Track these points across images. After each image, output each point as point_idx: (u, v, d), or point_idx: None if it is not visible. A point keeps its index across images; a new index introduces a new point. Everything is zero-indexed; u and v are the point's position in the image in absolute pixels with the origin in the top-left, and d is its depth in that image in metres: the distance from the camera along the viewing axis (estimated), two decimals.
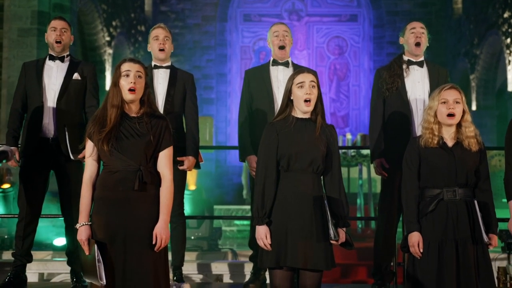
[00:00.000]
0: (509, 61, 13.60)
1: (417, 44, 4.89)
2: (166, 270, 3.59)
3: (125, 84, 3.54)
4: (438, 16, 18.21)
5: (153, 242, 3.48)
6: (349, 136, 14.05)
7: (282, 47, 4.96)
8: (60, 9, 11.67)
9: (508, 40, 13.68)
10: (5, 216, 7.93)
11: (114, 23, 15.20)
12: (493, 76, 15.82)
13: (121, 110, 3.56)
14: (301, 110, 3.71)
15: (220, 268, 6.11)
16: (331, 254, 3.64)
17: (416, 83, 4.90)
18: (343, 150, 11.59)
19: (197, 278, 6.03)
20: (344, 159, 11.52)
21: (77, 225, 3.53)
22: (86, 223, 3.51)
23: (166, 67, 5.04)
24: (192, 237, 8.67)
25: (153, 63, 5.06)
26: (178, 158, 4.85)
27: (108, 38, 14.86)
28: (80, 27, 13.96)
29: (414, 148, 3.90)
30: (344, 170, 11.68)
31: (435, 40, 18.19)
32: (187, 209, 8.95)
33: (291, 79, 3.74)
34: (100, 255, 3.44)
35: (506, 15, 13.84)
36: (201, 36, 18.11)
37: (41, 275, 6.11)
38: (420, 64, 4.97)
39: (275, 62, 5.02)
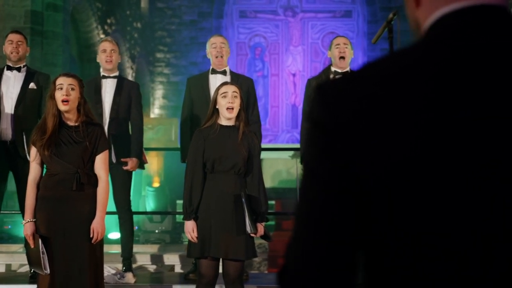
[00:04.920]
0: None
1: (341, 58, 5.31)
2: (101, 260, 4.08)
3: (59, 96, 3.99)
4: None
5: (90, 236, 3.94)
6: None
7: (219, 57, 5.36)
8: (53, 8, 12.05)
9: None
10: None
11: (109, 21, 15.59)
12: None
13: (60, 120, 4.01)
14: (225, 117, 4.14)
15: (171, 259, 6.51)
16: (252, 246, 4.11)
17: None
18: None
19: (151, 268, 6.45)
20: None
21: (23, 222, 4.00)
22: (31, 219, 3.98)
23: (114, 77, 5.48)
24: (156, 231, 9.15)
25: (101, 73, 5.50)
26: (122, 160, 5.30)
27: (103, 36, 15.22)
28: (75, 25, 14.36)
29: None
30: None
31: None
32: (151, 205, 9.43)
33: (217, 90, 4.18)
34: (44, 247, 3.90)
35: None
36: (198, 32, 18.47)
37: (8, 266, 6.54)
38: (345, 74, 5.39)
39: (214, 71, 5.43)
